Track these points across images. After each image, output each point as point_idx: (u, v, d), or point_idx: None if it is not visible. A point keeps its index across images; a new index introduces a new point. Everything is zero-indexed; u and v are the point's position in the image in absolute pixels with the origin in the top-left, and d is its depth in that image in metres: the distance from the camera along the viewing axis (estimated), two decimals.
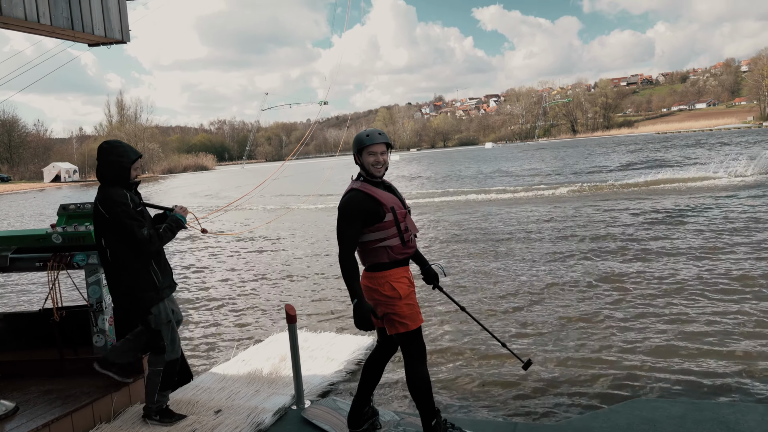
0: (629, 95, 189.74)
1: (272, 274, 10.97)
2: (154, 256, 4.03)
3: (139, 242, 3.84)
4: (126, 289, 3.96)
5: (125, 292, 3.97)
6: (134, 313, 4.11)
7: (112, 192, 3.90)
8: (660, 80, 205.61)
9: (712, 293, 7.41)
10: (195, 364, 6.22)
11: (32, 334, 4.87)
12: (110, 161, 3.95)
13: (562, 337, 6.25)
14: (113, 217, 3.84)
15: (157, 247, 3.99)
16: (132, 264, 3.92)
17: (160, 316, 4.07)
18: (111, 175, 3.96)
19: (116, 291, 4.02)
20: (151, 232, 3.92)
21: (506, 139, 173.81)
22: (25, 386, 4.49)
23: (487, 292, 8.29)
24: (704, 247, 10.17)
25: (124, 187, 3.98)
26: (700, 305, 6.99)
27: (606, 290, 7.95)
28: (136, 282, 3.94)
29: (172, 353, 4.17)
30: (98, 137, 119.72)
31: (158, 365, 4.15)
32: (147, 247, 3.89)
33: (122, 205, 3.85)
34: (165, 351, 4.13)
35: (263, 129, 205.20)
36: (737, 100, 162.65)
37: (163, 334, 4.11)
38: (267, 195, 30.24)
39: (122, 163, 3.96)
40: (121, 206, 3.84)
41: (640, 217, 14.32)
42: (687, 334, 6.07)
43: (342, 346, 6.06)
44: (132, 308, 4.04)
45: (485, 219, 16.38)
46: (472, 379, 5.33)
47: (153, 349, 4.16)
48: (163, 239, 4.01)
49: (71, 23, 4.60)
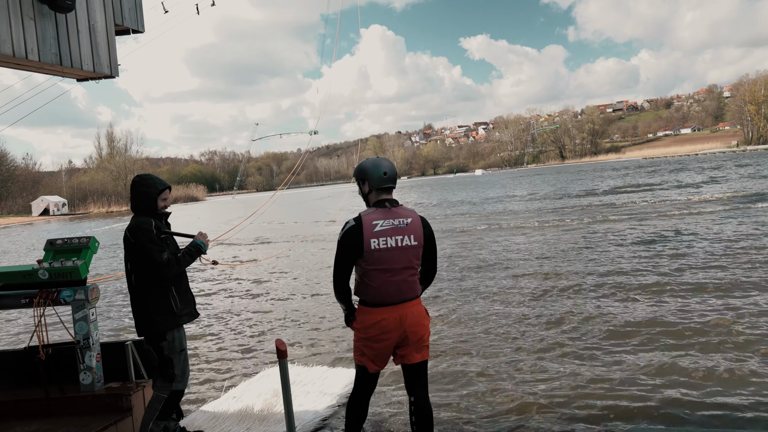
0: (615, 121, 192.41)
1: (265, 307, 10.84)
2: (175, 283, 4.21)
3: (157, 265, 4.03)
4: (144, 312, 4.11)
5: (142, 315, 4.12)
6: (148, 337, 4.18)
7: (140, 220, 4.16)
8: (645, 106, 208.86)
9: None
10: (184, 401, 6.08)
11: (17, 372, 4.76)
12: (139, 192, 4.24)
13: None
14: (137, 243, 4.06)
15: (176, 271, 4.15)
16: (152, 288, 4.11)
17: (173, 343, 4.17)
18: (140, 206, 4.25)
19: (136, 314, 4.17)
20: (170, 257, 4.10)
21: (497, 165, 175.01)
22: (10, 427, 4.38)
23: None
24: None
25: (152, 216, 4.23)
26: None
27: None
28: (154, 306, 4.10)
29: (180, 383, 4.22)
30: (87, 170, 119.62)
31: (164, 392, 4.17)
32: (165, 271, 4.06)
33: (146, 231, 4.08)
34: (174, 379, 4.17)
35: (254, 159, 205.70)
36: (721, 125, 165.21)
37: (175, 362, 4.17)
38: (273, 224, 30.09)
39: (150, 194, 4.24)
40: (144, 232, 4.07)
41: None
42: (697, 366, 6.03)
43: (335, 379, 5.96)
44: (147, 332, 4.14)
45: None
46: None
47: (162, 376, 4.18)
48: (181, 264, 4.19)
49: (60, 59, 4.60)
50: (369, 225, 3.60)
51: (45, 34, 4.49)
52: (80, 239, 4.67)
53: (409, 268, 3.66)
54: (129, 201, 4.39)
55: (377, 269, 3.61)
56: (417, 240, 3.65)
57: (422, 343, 3.74)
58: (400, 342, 3.71)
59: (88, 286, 4.55)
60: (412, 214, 3.71)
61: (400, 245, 3.61)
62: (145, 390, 4.65)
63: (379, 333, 3.65)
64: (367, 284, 3.66)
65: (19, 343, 8.90)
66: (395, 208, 3.70)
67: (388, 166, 3.78)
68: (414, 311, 3.69)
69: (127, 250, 4.16)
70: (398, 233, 3.61)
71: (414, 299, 3.72)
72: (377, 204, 3.73)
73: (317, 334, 8.37)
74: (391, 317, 3.63)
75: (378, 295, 3.64)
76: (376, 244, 3.57)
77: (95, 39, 5.04)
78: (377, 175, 3.73)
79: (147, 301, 4.10)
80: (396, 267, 3.61)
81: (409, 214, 3.71)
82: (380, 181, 3.73)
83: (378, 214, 3.66)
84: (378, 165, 3.76)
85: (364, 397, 3.87)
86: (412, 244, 3.64)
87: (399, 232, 3.61)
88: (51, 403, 4.59)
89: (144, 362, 4.84)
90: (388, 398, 5.56)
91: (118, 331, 9.67)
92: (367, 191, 3.80)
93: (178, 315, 4.17)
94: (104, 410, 4.45)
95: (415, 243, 3.64)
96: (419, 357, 3.74)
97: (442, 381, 5.98)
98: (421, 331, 3.71)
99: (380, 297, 3.64)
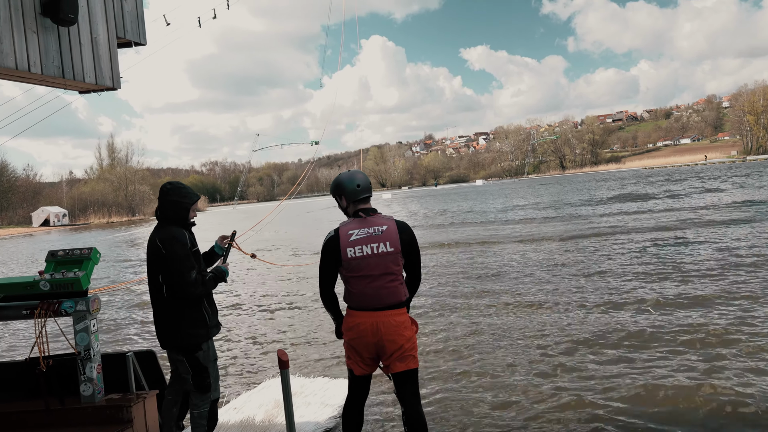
0: (615, 131, 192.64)
1: (267, 316, 10.83)
2: (207, 295, 4.20)
3: (185, 284, 3.99)
4: (177, 325, 4.08)
5: (175, 328, 4.09)
6: (183, 349, 4.15)
7: (174, 230, 4.08)
8: (645, 116, 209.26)
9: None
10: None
11: (18, 384, 4.76)
12: (172, 201, 4.15)
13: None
14: (169, 255, 3.99)
15: (200, 292, 4.11)
16: (187, 301, 4.08)
17: (208, 353, 4.20)
18: (170, 215, 4.16)
19: (166, 327, 4.12)
20: (197, 277, 4.06)
21: (498, 175, 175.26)
22: None
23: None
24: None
25: (183, 227, 4.16)
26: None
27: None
28: (189, 319, 4.09)
29: (215, 392, 4.27)
30: (88, 180, 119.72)
31: (204, 406, 4.20)
32: (191, 290, 4.03)
33: (182, 245, 4.02)
34: (210, 389, 4.19)
35: (255, 169, 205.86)
36: (720, 135, 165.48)
37: (210, 371, 4.20)
38: (280, 233, 30.00)
39: (183, 204, 4.17)
40: (180, 245, 4.01)
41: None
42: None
43: (336, 391, 5.95)
44: (183, 345, 4.12)
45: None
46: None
47: (198, 389, 4.18)
48: (206, 286, 4.16)
49: (62, 72, 4.63)
50: (345, 235, 3.79)
51: (48, 47, 4.53)
52: (81, 250, 4.67)
53: (387, 274, 3.77)
54: (157, 209, 4.26)
55: (356, 276, 3.78)
56: (393, 246, 3.77)
57: (404, 352, 3.77)
58: (380, 350, 3.77)
59: (89, 297, 4.55)
60: (387, 222, 3.84)
61: (375, 252, 3.74)
62: (146, 401, 4.64)
63: (356, 335, 3.79)
64: (349, 290, 3.85)
65: (18, 355, 8.89)
66: (371, 217, 3.86)
67: (361, 178, 3.96)
68: (392, 321, 3.74)
69: (157, 260, 4.09)
70: (373, 241, 3.76)
71: (395, 307, 3.77)
72: (355, 214, 3.91)
73: (319, 345, 8.36)
74: (367, 322, 3.74)
75: (358, 300, 3.80)
76: (353, 252, 3.75)
77: (97, 52, 5.08)
78: (351, 188, 3.92)
79: (182, 314, 4.08)
80: (373, 273, 3.75)
81: (385, 222, 3.84)
82: (354, 193, 3.93)
83: (354, 224, 3.85)
84: (351, 179, 3.94)
85: (357, 402, 3.93)
86: (388, 251, 3.76)
87: (374, 240, 3.76)
88: (51, 414, 4.58)
89: (145, 374, 4.83)
90: (388, 407, 5.55)
91: (116, 342, 9.66)
92: (345, 205, 4.00)
93: (210, 327, 4.21)
94: (105, 422, 4.43)
95: (391, 249, 3.76)
96: (403, 366, 3.77)
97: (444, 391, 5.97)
98: (399, 341, 3.75)
99: (360, 302, 3.80)
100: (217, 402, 4.36)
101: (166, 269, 4.04)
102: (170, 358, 4.32)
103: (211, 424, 4.27)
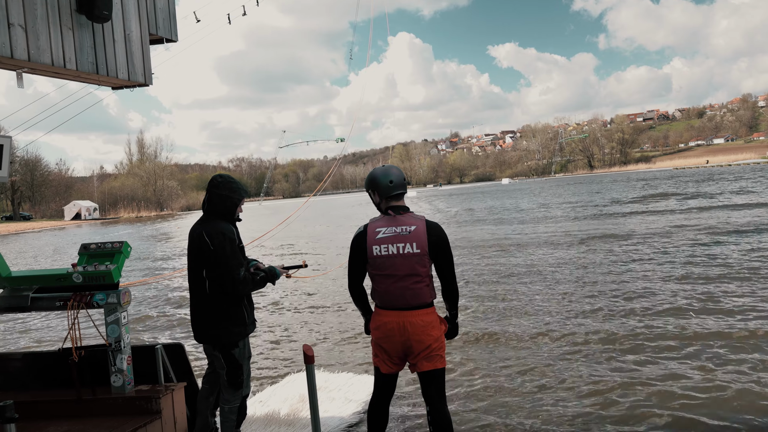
0: (646, 131, 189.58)
1: (294, 311, 10.91)
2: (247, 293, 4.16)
3: (234, 281, 3.94)
4: (217, 321, 4.07)
5: (214, 323, 4.07)
6: (221, 345, 4.15)
7: (222, 226, 4.02)
8: (677, 116, 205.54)
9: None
10: None
11: (51, 373, 4.87)
12: (221, 195, 4.08)
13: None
14: (218, 250, 3.93)
15: (248, 290, 4.10)
16: (229, 297, 4.04)
17: (244, 350, 4.21)
18: (220, 209, 4.09)
19: (207, 322, 4.10)
20: (246, 275, 4.02)
21: (524, 174, 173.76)
22: (43, 427, 4.46)
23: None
24: None
25: (230, 222, 4.11)
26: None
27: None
28: (228, 316, 4.07)
29: (246, 388, 4.29)
30: (118, 175, 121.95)
31: (235, 401, 4.22)
32: (239, 288, 3.99)
33: (231, 241, 3.97)
34: (242, 386, 4.22)
35: (281, 166, 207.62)
36: (755, 135, 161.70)
37: (244, 368, 4.22)
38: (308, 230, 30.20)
39: (233, 199, 4.10)
40: (229, 241, 3.96)
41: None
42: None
43: (360, 386, 5.96)
44: (221, 341, 4.12)
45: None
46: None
47: (231, 385, 4.19)
48: (256, 285, 4.14)
49: (96, 68, 4.72)
50: (372, 232, 3.76)
51: (82, 43, 4.62)
52: (113, 244, 4.76)
53: (412, 275, 3.69)
54: (204, 201, 4.18)
55: (381, 275, 3.74)
56: (419, 248, 3.67)
57: (431, 352, 3.74)
58: (407, 349, 3.75)
59: (120, 290, 4.62)
60: (417, 222, 3.75)
61: (401, 252, 3.68)
62: (174, 393, 4.71)
63: (384, 335, 3.76)
64: (375, 288, 3.82)
65: (53, 345, 9.10)
66: (401, 216, 3.78)
67: (395, 174, 3.87)
68: (419, 320, 3.70)
69: (202, 255, 4.03)
70: (399, 240, 3.69)
71: (421, 308, 3.72)
72: (386, 212, 3.85)
73: (344, 341, 8.39)
74: (395, 322, 3.71)
75: (384, 298, 3.77)
76: (378, 250, 3.71)
77: (130, 48, 5.17)
78: (384, 184, 3.84)
79: (223, 310, 4.06)
80: (398, 273, 3.69)
81: (414, 222, 3.75)
82: (387, 189, 3.83)
83: (383, 221, 3.79)
84: (386, 174, 3.86)
85: (383, 400, 3.92)
86: (414, 252, 3.67)
87: (400, 240, 3.69)
88: (83, 404, 4.68)
89: (173, 366, 4.90)
90: (413, 405, 5.55)
91: (138, 333, 9.81)
92: (378, 201, 3.92)
93: (248, 324, 4.21)
94: (134, 412, 4.51)
95: (417, 251, 3.67)
96: (429, 366, 3.75)
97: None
98: (427, 341, 3.71)
99: (386, 301, 3.77)
100: (246, 398, 4.38)
101: (214, 264, 3.98)
102: (206, 352, 4.36)
103: (240, 419, 4.31)
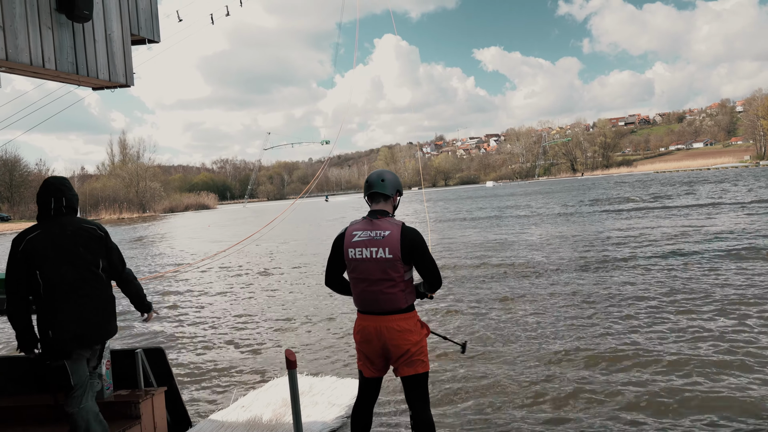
0: (627, 135, 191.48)
1: (275, 316, 10.84)
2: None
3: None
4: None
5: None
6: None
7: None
8: (657, 120, 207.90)
9: None
10: (192, 411, 6.07)
11: (27, 379, 4.78)
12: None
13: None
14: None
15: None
16: None
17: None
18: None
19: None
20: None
21: (508, 178, 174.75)
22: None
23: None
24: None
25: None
26: None
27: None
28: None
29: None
30: (100, 176, 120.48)
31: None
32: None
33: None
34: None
35: (265, 168, 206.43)
36: (733, 140, 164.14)
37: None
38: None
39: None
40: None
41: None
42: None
43: (344, 390, 5.94)
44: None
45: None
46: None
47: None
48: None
49: (76, 68, 4.65)
50: (350, 234, 3.75)
51: (62, 43, 4.54)
52: None
53: (385, 279, 3.65)
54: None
55: (356, 278, 3.76)
56: (392, 253, 3.62)
57: (411, 357, 3.71)
58: (386, 353, 3.74)
59: None
60: (392, 227, 3.69)
61: (374, 257, 3.65)
62: (154, 398, 4.65)
63: (363, 339, 3.78)
64: (353, 291, 3.83)
65: None
66: (378, 220, 3.74)
67: (374, 176, 3.88)
68: (395, 325, 3.67)
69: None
70: (373, 245, 3.66)
71: (395, 313, 3.68)
72: (367, 214, 3.83)
73: (327, 345, 8.35)
74: (372, 326, 3.71)
75: (361, 303, 3.78)
76: (353, 253, 3.71)
77: (111, 48, 5.10)
78: (365, 185, 3.90)
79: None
80: (371, 278, 3.67)
81: (389, 227, 3.69)
82: (365, 189, 3.90)
83: (360, 224, 3.79)
84: (373, 175, 3.90)
85: (366, 404, 3.90)
86: (387, 257, 3.63)
87: (374, 244, 3.66)
88: (60, 409, 4.59)
89: (153, 370, 4.83)
90: (398, 410, 5.53)
91: (123, 339, 9.70)
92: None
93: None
94: (114, 417, 4.44)
95: (389, 256, 3.62)
96: (410, 371, 3.72)
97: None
98: (405, 346, 3.68)
99: (362, 305, 3.78)
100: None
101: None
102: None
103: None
